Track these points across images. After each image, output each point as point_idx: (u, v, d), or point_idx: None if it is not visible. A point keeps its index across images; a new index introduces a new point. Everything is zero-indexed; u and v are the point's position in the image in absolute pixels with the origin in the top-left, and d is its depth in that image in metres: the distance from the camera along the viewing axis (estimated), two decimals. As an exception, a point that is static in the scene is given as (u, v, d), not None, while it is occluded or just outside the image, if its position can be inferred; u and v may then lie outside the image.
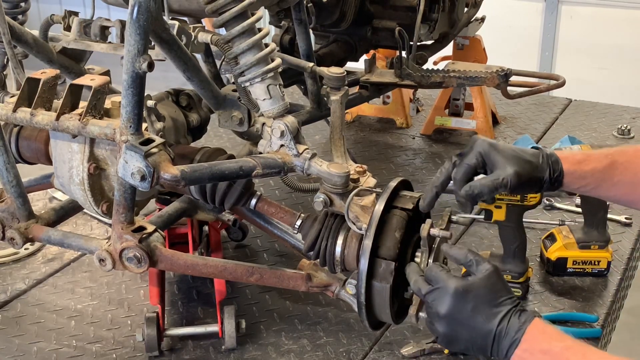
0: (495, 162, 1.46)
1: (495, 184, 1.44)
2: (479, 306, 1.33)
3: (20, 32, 1.75)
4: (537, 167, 1.47)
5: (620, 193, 1.54)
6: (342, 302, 1.66)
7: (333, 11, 2.43)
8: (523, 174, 1.45)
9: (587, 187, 1.52)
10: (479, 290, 1.35)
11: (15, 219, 1.71)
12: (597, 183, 1.51)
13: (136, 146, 1.46)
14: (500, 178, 1.44)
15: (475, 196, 1.45)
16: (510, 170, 1.44)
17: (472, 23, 2.93)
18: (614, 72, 5.27)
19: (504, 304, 1.34)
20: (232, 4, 1.56)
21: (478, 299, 1.34)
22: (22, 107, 1.58)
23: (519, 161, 1.46)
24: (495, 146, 1.47)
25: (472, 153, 1.48)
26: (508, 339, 1.31)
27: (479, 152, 1.47)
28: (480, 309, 1.33)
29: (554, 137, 2.85)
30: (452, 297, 1.35)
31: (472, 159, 1.47)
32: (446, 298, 1.35)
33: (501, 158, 1.45)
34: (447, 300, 1.35)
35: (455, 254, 1.43)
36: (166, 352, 1.79)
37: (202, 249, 1.96)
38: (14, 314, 1.95)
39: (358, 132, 3.00)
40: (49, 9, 2.19)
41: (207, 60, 2.26)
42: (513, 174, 1.44)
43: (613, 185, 1.51)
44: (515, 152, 1.48)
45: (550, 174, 1.47)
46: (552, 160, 1.48)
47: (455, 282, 1.36)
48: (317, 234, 1.60)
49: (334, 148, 1.74)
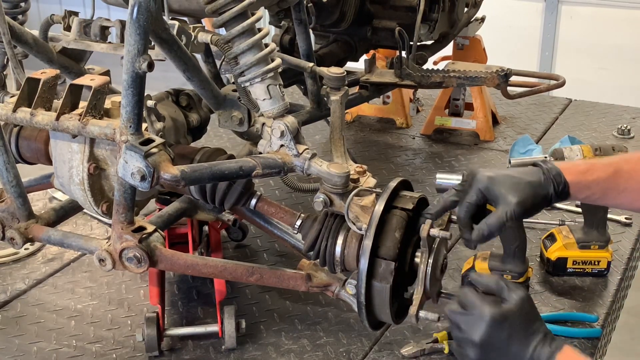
0: (497, 195, 1.45)
1: (501, 221, 1.44)
2: (513, 334, 1.34)
3: (20, 32, 1.75)
4: (539, 185, 1.46)
5: (627, 200, 1.53)
6: (342, 302, 1.66)
7: (333, 11, 2.43)
8: (526, 199, 1.45)
9: (593, 196, 1.52)
10: (514, 318, 1.35)
11: (15, 219, 1.71)
12: (602, 192, 1.51)
13: (136, 146, 1.46)
14: (505, 213, 1.44)
15: (487, 237, 1.46)
16: (513, 200, 1.43)
17: (472, 23, 2.94)
18: (614, 72, 5.27)
19: (537, 332, 1.35)
20: (232, 4, 1.57)
21: (513, 327, 1.34)
22: (22, 107, 1.58)
23: (519, 188, 1.45)
24: (494, 179, 1.46)
25: (472, 190, 1.47)
26: None
27: (479, 188, 1.47)
28: (514, 337, 1.34)
29: (554, 137, 2.86)
30: (487, 325, 1.35)
31: (473, 197, 1.47)
32: (481, 325, 1.35)
33: (502, 190, 1.45)
34: (483, 327, 1.35)
35: (486, 281, 1.43)
36: (166, 352, 1.79)
37: (202, 249, 1.96)
38: (14, 314, 1.95)
39: (358, 132, 3.00)
40: (49, 9, 2.19)
41: (207, 60, 2.26)
42: (516, 205, 1.43)
43: (619, 193, 1.51)
44: (515, 178, 1.47)
45: (555, 188, 1.47)
46: (554, 174, 1.47)
47: (491, 309, 1.35)
48: (317, 234, 1.60)
49: (334, 148, 1.75)
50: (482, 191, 1.46)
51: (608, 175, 1.50)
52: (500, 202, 1.45)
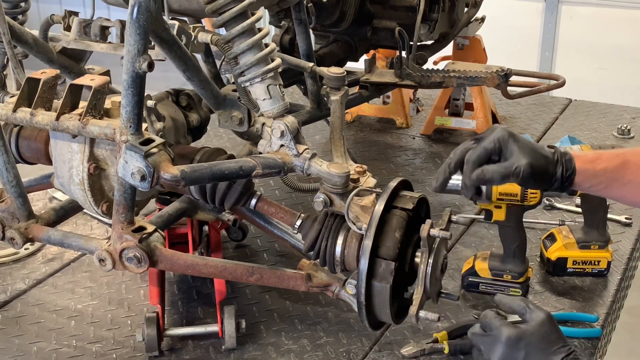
0: (512, 150, 1.45)
1: (507, 172, 1.44)
2: (530, 354, 1.35)
3: (20, 32, 1.75)
4: (551, 162, 1.47)
5: (630, 193, 1.53)
6: (342, 302, 1.66)
7: (333, 11, 2.43)
8: (536, 166, 1.45)
9: (599, 186, 1.52)
10: (531, 338, 1.37)
11: (15, 219, 1.71)
12: (608, 182, 1.50)
13: (136, 146, 1.46)
14: (514, 167, 1.44)
15: (486, 181, 1.46)
16: (524, 160, 1.44)
17: (472, 23, 2.93)
18: (614, 72, 5.27)
19: (558, 353, 1.35)
20: (232, 4, 1.57)
21: (530, 347, 1.36)
22: (22, 107, 1.58)
23: (534, 154, 1.46)
24: (513, 136, 1.47)
25: (490, 138, 1.47)
26: None
27: (497, 138, 1.46)
28: (532, 357, 1.35)
29: (554, 137, 2.85)
30: (504, 345, 1.36)
31: (489, 144, 1.46)
32: (498, 346, 1.37)
33: (517, 148, 1.45)
34: (499, 348, 1.37)
35: (510, 302, 1.45)
36: (166, 352, 1.79)
37: (202, 249, 1.96)
38: (14, 314, 1.95)
39: (358, 132, 3.00)
40: (49, 9, 2.19)
41: (207, 60, 2.26)
42: (526, 165, 1.44)
43: (624, 185, 1.51)
44: (532, 145, 1.48)
45: (563, 172, 1.47)
46: (566, 159, 1.48)
47: (508, 330, 1.37)
48: (317, 234, 1.60)
49: (334, 148, 1.75)
50: (499, 141, 1.46)
51: (615, 166, 1.49)
52: (512, 157, 1.45)
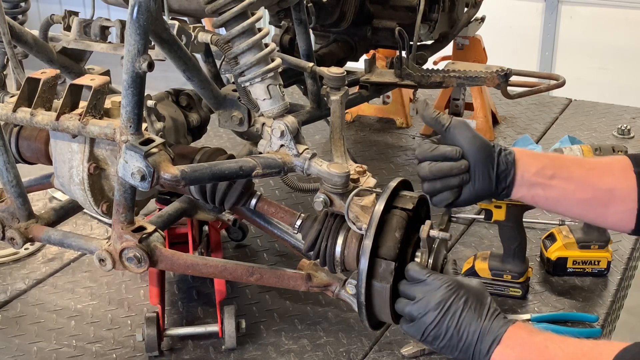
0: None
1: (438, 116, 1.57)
2: (469, 301, 1.40)
3: (20, 32, 1.75)
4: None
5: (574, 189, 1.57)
6: (342, 302, 1.66)
7: (333, 11, 2.43)
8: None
9: (545, 171, 1.56)
10: (469, 288, 1.42)
11: (15, 219, 1.71)
12: (552, 172, 1.55)
13: (136, 146, 1.46)
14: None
15: (424, 118, 1.60)
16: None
17: (472, 23, 2.93)
18: (614, 72, 5.27)
19: (492, 304, 1.41)
20: (232, 4, 1.56)
21: (469, 295, 1.41)
22: (22, 107, 1.58)
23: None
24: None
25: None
26: (491, 335, 1.36)
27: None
28: (470, 304, 1.40)
29: (554, 137, 2.86)
30: (446, 289, 1.41)
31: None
32: (440, 289, 1.42)
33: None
34: (441, 291, 1.42)
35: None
36: (166, 352, 1.79)
37: (202, 249, 1.96)
38: (14, 314, 1.95)
39: (358, 132, 3.00)
40: (49, 9, 2.19)
41: (207, 60, 2.26)
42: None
43: (568, 180, 1.56)
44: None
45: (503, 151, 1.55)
46: (507, 152, 1.55)
47: (445, 277, 1.44)
48: (317, 234, 1.60)
49: (334, 148, 1.74)
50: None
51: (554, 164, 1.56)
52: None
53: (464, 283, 1.43)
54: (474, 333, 1.37)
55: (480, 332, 1.37)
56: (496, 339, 1.36)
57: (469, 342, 1.38)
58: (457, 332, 1.38)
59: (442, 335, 1.40)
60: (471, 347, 1.37)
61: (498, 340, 1.35)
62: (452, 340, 1.39)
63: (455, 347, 1.39)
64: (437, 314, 1.40)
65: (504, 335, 1.36)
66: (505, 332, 1.36)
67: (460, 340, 1.38)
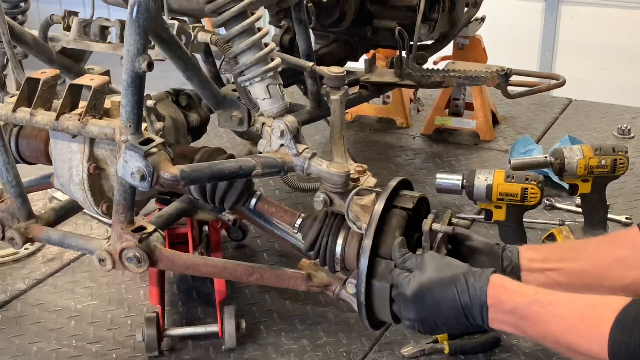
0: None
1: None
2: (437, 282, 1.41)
3: (20, 32, 1.75)
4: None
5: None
6: (342, 302, 1.66)
7: (333, 11, 2.43)
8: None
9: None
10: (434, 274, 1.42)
11: (15, 219, 1.71)
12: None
13: (136, 146, 1.46)
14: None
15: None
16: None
17: (472, 23, 2.93)
18: (614, 72, 5.26)
19: (459, 274, 1.41)
20: (232, 4, 1.57)
21: (439, 282, 1.41)
22: (22, 107, 1.58)
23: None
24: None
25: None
26: (477, 307, 1.37)
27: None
28: (443, 289, 1.40)
29: (554, 137, 2.85)
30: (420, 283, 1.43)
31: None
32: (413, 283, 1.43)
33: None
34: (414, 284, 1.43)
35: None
36: (166, 352, 1.79)
37: (202, 249, 1.96)
38: (14, 314, 1.95)
39: (358, 132, 3.00)
40: (49, 9, 2.19)
41: (207, 60, 2.26)
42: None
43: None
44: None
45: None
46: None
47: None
48: (317, 233, 1.60)
49: (334, 148, 1.75)
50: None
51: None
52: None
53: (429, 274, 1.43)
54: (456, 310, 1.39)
55: (463, 307, 1.38)
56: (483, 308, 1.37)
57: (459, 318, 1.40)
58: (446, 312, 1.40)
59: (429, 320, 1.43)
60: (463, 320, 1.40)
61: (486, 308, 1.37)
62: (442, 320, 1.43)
63: (452, 322, 1.42)
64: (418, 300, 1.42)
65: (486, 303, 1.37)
66: (486, 300, 1.36)
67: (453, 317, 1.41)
